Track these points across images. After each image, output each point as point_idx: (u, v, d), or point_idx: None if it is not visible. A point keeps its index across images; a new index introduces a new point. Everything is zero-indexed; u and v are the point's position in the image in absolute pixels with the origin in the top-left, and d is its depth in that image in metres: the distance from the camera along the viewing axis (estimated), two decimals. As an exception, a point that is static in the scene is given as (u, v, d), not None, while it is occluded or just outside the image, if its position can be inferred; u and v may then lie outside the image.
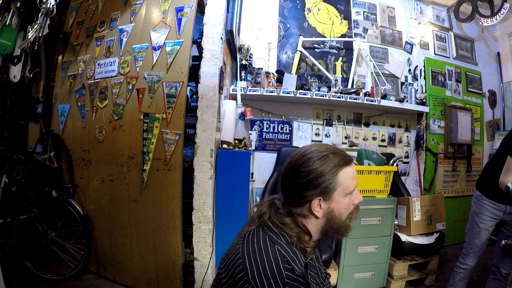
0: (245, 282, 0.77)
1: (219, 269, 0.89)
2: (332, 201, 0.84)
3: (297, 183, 0.84)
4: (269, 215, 0.88)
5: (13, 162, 2.35)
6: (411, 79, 3.44)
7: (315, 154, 0.84)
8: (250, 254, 0.81)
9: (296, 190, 0.84)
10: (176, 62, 2.10)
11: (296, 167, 0.85)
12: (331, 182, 0.82)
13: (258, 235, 0.84)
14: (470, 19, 3.25)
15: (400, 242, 2.38)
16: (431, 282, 2.53)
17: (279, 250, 0.80)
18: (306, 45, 3.04)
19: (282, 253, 0.79)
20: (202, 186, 2.07)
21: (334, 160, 0.83)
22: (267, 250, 0.80)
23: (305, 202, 0.84)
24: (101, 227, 2.32)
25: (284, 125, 3.05)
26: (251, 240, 0.84)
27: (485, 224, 1.90)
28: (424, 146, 3.39)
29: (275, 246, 0.81)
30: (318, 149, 0.85)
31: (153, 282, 2.17)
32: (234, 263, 0.81)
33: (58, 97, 2.57)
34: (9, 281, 2.00)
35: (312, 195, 0.83)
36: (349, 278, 2.33)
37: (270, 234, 0.83)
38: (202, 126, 2.08)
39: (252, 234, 0.86)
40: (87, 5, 2.57)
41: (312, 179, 0.82)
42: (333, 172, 0.82)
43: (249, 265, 0.78)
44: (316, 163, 0.82)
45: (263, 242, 0.82)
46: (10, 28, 1.58)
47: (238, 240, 0.89)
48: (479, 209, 1.93)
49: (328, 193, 0.83)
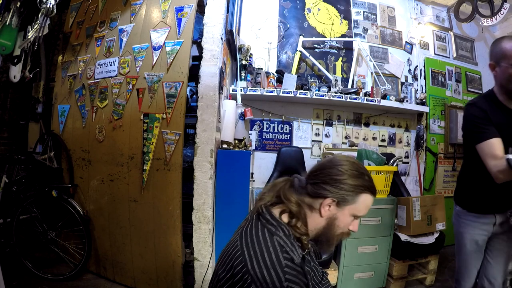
0: (244, 273, 0.78)
1: (217, 267, 0.89)
2: (340, 211, 0.88)
3: (327, 174, 0.88)
4: (267, 201, 0.91)
5: (13, 162, 2.35)
6: (411, 79, 3.43)
7: (355, 167, 0.89)
8: (248, 245, 0.82)
9: (322, 180, 0.88)
10: (176, 62, 2.10)
11: (336, 164, 0.90)
12: (352, 196, 0.87)
13: (257, 228, 0.86)
14: (470, 19, 3.25)
15: (400, 242, 2.38)
16: (431, 282, 2.53)
17: (277, 240, 0.82)
18: (306, 45, 3.04)
19: (280, 244, 0.81)
20: (202, 186, 2.07)
21: (365, 183, 0.88)
22: (266, 241, 0.82)
23: (320, 196, 0.88)
24: (101, 227, 2.32)
25: (284, 125, 3.05)
26: (250, 233, 0.86)
27: (474, 244, 1.52)
28: (424, 146, 3.39)
29: (273, 237, 0.83)
30: (359, 165, 0.91)
31: (153, 282, 2.17)
32: (233, 257, 0.82)
33: (58, 97, 2.57)
34: (9, 281, 2.00)
35: (330, 193, 0.87)
36: (349, 278, 2.33)
37: (268, 226, 0.85)
38: (202, 126, 2.08)
39: (250, 228, 0.87)
40: (87, 5, 2.57)
41: (340, 181, 0.86)
42: (359, 190, 0.87)
43: (248, 256, 0.80)
44: (352, 173, 0.87)
45: (262, 234, 0.84)
46: (10, 28, 1.58)
47: (235, 235, 0.90)
48: (463, 228, 1.55)
49: (343, 202, 0.87)
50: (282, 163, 2.84)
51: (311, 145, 3.09)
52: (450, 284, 2.54)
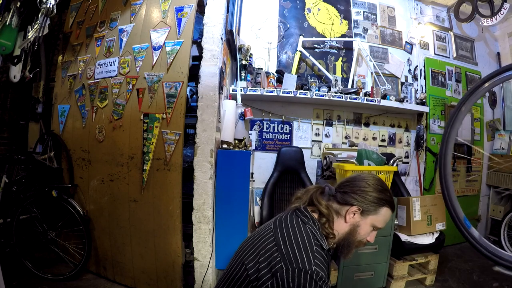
0: (274, 252, 0.84)
1: (241, 249, 0.94)
2: (363, 219, 0.99)
3: (356, 186, 1.00)
4: (306, 199, 1.02)
5: (13, 162, 2.35)
6: (411, 79, 3.43)
7: (380, 183, 1.02)
8: (283, 229, 0.91)
9: (351, 190, 0.99)
10: (176, 62, 2.10)
11: (364, 178, 1.02)
12: (375, 208, 0.98)
13: (291, 218, 0.96)
14: (470, 19, 3.25)
15: (400, 242, 2.38)
16: (431, 282, 2.53)
17: (309, 228, 0.91)
18: (306, 45, 3.04)
19: (312, 232, 0.91)
20: (202, 186, 2.07)
21: (387, 198, 1.00)
22: (300, 227, 0.91)
23: (348, 203, 0.99)
24: (101, 227, 2.32)
25: (284, 125, 3.05)
26: (284, 220, 0.95)
27: None
28: (424, 146, 3.39)
29: (306, 225, 0.92)
30: (383, 182, 1.03)
31: (153, 282, 2.17)
32: (266, 239, 0.91)
33: (58, 97, 2.57)
34: (9, 281, 2.00)
35: (357, 201, 0.98)
36: (349, 278, 2.33)
37: (302, 217, 0.95)
38: (202, 126, 2.08)
39: (284, 217, 0.97)
40: (87, 5, 2.56)
41: (367, 192, 0.98)
42: (381, 203, 0.99)
43: (281, 237, 0.88)
44: (377, 187, 0.99)
45: (296, 221, 0.94)
46: (10, 28, 1.58)
47: (266, 225, 0.99)
48: None
49: (367, 212, 0.98)
50: (282, 163, 2.84)
51: (311, 145, 3.09)
52: (450, 284, 2.54)
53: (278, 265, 0.80)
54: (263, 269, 0.82)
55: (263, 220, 2.61)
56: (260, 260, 0.84)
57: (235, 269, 0.91)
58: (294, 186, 2.82)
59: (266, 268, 0.82)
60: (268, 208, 2.63)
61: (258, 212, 2.81)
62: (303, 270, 0.79)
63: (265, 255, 0.84)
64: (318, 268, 0.80)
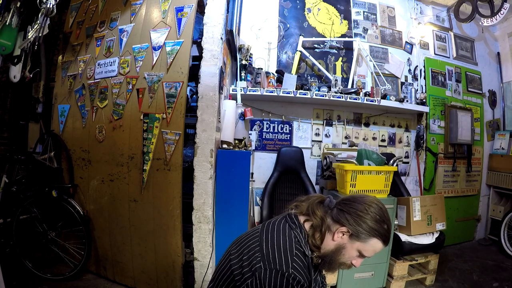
0: (256, 252, 0.88)
1: (230, 248, 0.98)
2: (350, 243, 0.96)
3: (354, 207, 0.96)
4: (305, 207, 1.02)
5: (13, 162, 2.35)
6: (411, 79, 3.43)
7: (380, 213, 0.97)
8: (268, 231, 0.94)
9: (348, 210, 0.96)
10: (176, 62, 2.10)
11: (365, 202, 0.97)
12: (364, 236, 0.94)
13: (280, 222, 0.98)
14: (470, 19, 3.25)
15: (400, 242, 2.38)
16: (431, 282, 2.53)
17: (294, 234, 0.93)
18: (306, 45, 3.04)
19: (296, 238, 0.92)
20: (202, 186, 2.07)
21: (382, 230, 0.96)
22: (285, 231, 0.93)
23: (339, 222, 0.96)
24: (101, 227, 2.32)
25: (284, 125, 3.05)
26: (272, 224, 0.97)
27: None
28: (424, 146, 3.39)
29: (292, 231, 0.94)
30: (385, 213, 0.98)
31: (153, 282, 2.17)
32: (251, 238, 0.93)
33: (58, 97, 2.57)
34: (9, 281, 2.00)
35: (349, 224, 0.94)
36: (349, 278, 2.33)
37: (290, 223, 0.97)
38: (202, 126, 2.08)
39: (274, 221, 0.99)
40: (87, 5, 2.57)
41: (362, 218, 0.94)
42: (373, 234, 0.95)
43: (265, 238, 0.91)
44: (374, 217, 0.95)
45: (283, 226, 0.96)
46: (10, 28, 1.58)
47: (255, 227, 1.02)
48: None
49: (356, 237, 0.95)
50: (282, 163, 2.84)
51: (311, 145, 3.09)
52: (450, 284, 2.54)
53: (258, 264, 0.85)
54: (245, 267, 0.87)
55: (263, 220, 2.61)
56: (243, 259, 0.89)
57: (223, 268, 0.95)
58: (294, 186, 2.82)
59: (247, 267, 0.87)
60: (268, 208, 2.63)
61: (258, 212, 2.81)
62: (280, 272, 0.83)
63: (248, 254, 0.89)
64: (295, 272, 0.84)
